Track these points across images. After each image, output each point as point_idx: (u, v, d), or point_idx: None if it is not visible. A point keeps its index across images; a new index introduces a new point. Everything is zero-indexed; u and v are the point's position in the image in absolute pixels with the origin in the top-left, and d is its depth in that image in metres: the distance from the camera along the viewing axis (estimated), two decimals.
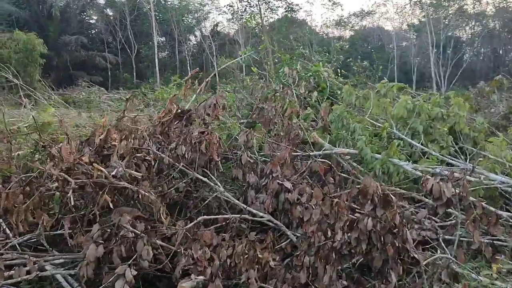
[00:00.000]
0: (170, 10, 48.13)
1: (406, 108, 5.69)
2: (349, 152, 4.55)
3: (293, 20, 51.78)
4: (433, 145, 5.62)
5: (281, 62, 8.41)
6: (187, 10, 52.96)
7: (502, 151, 5.64)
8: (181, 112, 4.33)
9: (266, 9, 48.43)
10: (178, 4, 50.49)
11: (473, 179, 4.36)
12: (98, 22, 51.70)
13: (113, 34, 48.64)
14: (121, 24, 47.88)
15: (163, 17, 50.88)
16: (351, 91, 6.30)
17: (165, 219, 3.04)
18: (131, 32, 46.63)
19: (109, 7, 49.99)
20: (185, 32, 52.17)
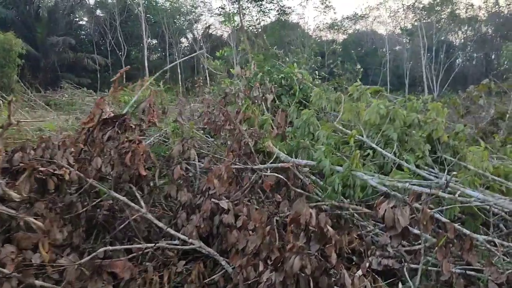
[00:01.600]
0: (161, 12, 47.54)
1: (378, 113, 5.13)
2: (307, 164, 3.99)
3: (286, 23, 51.39)
4: (409, 154, 5.07)
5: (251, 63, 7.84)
6: (178, 12, 52.43)
7: (484, 162, 5.11)
8: (114, 117, 3.74)
9: (258, 12, 48.03)
10: (169, 6, 49.90)
11: (446, 195, 3.80)
12: (88, 24, 51.09)
13: (102, 35, 48.00)
14: (111, 26, 47.26)
15: (154, 19, 50.30)
16: (320, 94, 5.75)
17: (46, 252, 2.44)
18: (121, 33, 45.98)
19: (99, 8, 49.37)
20: (177, 35, 51.61)
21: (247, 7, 47.52)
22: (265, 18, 48.66)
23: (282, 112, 4.36)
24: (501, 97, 10.16)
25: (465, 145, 5.61)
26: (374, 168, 4.88)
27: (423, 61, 40.23)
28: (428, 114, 5.28)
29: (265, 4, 47.20)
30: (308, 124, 5.28)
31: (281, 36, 48.19)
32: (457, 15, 47.72)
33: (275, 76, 7.11)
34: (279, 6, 47.31)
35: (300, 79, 7.29)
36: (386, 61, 48.79)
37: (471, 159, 5.11)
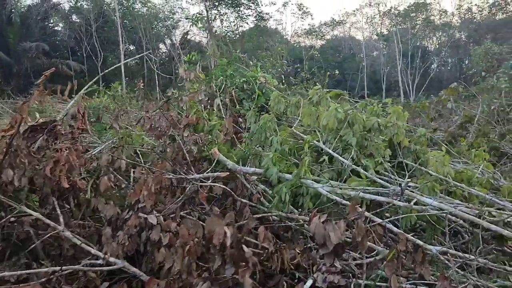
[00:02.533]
0: (138, 18, 46.94)
1: (336, 118, 4.92)
2: (255, 172, 3.74)
3: (264, 29, 51.45)
4: (368, 160, 4.86)
5: (217, 68, 7.59)
6: (156, 18, 51.90)
7: (445, 167, 4.95)
8: (43, 124, 3.42)
9: (236, 18, 47.96)
10: (146, 12, 49.29)
11: (401, 203, 3.59)
12: (63, 29, 50.07)
13: (78, 41, 47.10)
14: (87, 32, 46.44)
15: (131, 25, 49.69)
16: (279, 98, 5.51)
17: None
18: (97, 39, 45.20)
19: (74, 13, 48.46)
20: (154, 41, 51.06)
21: (225, 13, 47.46)
22: (243, 24, 48.62)
23: (230, 117, 4.09)
24: (469, 101, 10.14)
25: (427, 150, 5.45)
26: (332, 175, 4.67)
27: (399, 66, 40.76)
28: (389, 118, 5.10)
29: (243, 10, 47.26)
30: (264, 129, 5.03)
31: (259, 42, 48.18)
32: (432, 21, 48.64)
33: (237, 80, 6.87)
34: (257, 12, 47.37)
35: (263, 83, 7.06)
36: (363, 66, 49.32)
37: (432, 164, 4.94)
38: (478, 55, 20.89)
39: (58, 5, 46.52)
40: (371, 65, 52.64)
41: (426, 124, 11.67)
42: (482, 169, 5.94)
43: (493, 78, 15.50)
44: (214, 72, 7.46)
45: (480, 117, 10.58)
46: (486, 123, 9.76)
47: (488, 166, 6.11)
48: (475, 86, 12.93)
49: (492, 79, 15.51)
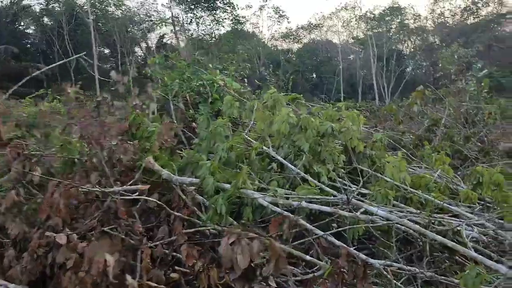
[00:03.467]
0: (112, 21, 46.07)
1: (288, 122, 4.70)
2: (192, 182, 3.47)
3: (240, 33, 51.32)
4: (321, 166, 4.66)
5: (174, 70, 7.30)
6: (131, 21, 51.05)
7: (401, 172, 4.78)
8: None
9: (212, 21, 47.68)
10: (121, 14, 48.43)
11: (347, 214, 3.39)
12: (35, 32, 48.83)
13: (50, 44, 45.98)
14: (59, 35, 45.37)
15: (105, 28, 48.77)
16: (232, 102, 5.27)
17: None
18: (69, 42, 44.18)
19: (45, 16, 47.27)
20: (130, 44, 50.26)
21: (201, 16, 47.11)
22: (219, 28, 48.36)
23: (167, 123, 3.82)
24: (435, 104, 10.11)
25: (384, 155, 5.29)
26: (284, 183, 4.45)
27: (373, 69, 41.16)
28: (343, 123, 4.91)
29: (219, 13, 47.03)
30: (214, 135, 4.77)
31: (236, 45, 48.00)
32: (406, 25, 49.41)
33: (194, 83, 6.60)
34: (233, 15, 47.21)
35: (222, 86, 6.81)
36: (339, 70, 49.65)
37: (388, 170, 4.77)
38: (445, 58, 21.18)
39: (28, 7, 45.32)
40: (348, 68, 53.07)
41: (395, 127, 11.65)
42: (441, 174, 5.83)
43: (462, 81, 15.67)
44: (173, 74, 7.16)
45: (446, 120, 10.59)
46: (452, 126, 9.75)
47: (448, 171, 6.00)
48: (443, 89, 12.99)
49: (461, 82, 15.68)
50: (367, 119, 15.04)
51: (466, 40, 43.01)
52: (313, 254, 3.31)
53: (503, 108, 9.91)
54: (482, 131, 10.15)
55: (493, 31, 42.02)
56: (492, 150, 8.79)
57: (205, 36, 47.97)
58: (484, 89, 13.35)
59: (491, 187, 4.46)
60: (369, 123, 13.80)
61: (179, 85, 6.43)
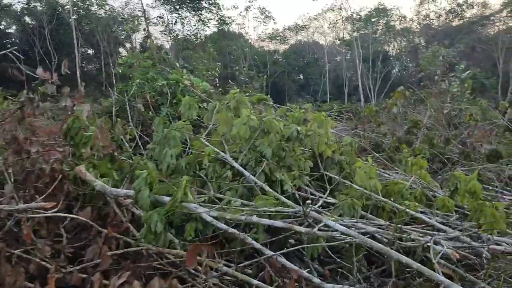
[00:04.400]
0: (95, 21, 45.21)
1: (249, 125, 4.30)
2: (127, 194, 3.05)
3: (227, 34, 50.88)
4: (285, 174, 4.27)
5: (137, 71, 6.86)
6: (115, 21, 50.14)
7: (371, 179, 4.42)
8: None
9: (197, 21, 47.11)
10: (104, 14, 47.55)
11: (303, 229, 2.99)
12: (16, 32, 47.74)
13: (31, 44, 44.93)
14: (41, 34, 44.37)
15: (88, 28, 47.88)
16: (191, 104, 4.85)
17: None
18: (50, 42, 43.21)
19: (26, 15, 46.19)
20: (113, 44, 49.40)
21: (186, 17, 46.53)
22: (205, 28, 47.83)
23: (103, 126, 3.39)
24: (415, 105, 9.82)
25: (354, 160, 4.92)
26: (243, 192, 4.05)
27: (359, 71, 41.09)
28: (309, 126, 4.53)
29: (205, 13, 46.50)
30: (168, 140, 4.35)
31: (222, 46, 47.55)
32: (392, 27, 49.51)
33: (156, 84, 6.17)
34: (218, 16, 46.72)
35: (188, 86, 6.39)
36: (326, 71, 49.52)
37: (358, 177, 4.40)
38: (426, 59, 21.05)
39: (8, 6, 44.24)
40: (334, 69, 53.00)
41: (376, 129, 11.34)
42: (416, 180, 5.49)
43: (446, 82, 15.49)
44: (136, 74, 6.73)
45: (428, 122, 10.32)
46: (432, 128, 9.47)
47: (425, 176, 5.67)
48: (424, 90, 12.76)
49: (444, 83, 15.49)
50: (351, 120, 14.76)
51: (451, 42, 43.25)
52: (264, 275, 2.91)
53: (484, 109, 9.66)
54: (463, 133, 9.91)
55: (477, 33, 42.29)
56: (473, 153, 8.52)
57: (191, 36, 47.38)
58: (467, 90, 13.16)
59: (466, 195, 4.11)
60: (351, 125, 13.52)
61: (140, 85, 5.99)
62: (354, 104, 32.76)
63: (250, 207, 3.53)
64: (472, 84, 31.94)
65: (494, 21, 42.65)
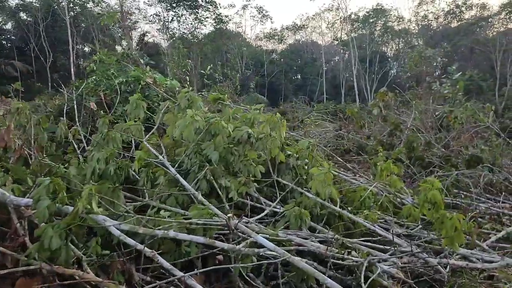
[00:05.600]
0: (90, 18, 44.83)
1: (194, 127, 3.97)
2: (28, 204, 2.73)
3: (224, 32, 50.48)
4: (231, 180, 3.95)
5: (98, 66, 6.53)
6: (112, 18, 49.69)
7: (327, 187, 4.08)
8: None
9: (194, 19, 46.68)
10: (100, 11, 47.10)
11: (226, 245, 2.66)
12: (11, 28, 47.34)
13: (26, 41, 44.55)
14: (36, 31, 44.00)
15: (85, 25, 47.54)
16: (137, 102, 4.51)
17: None
18: (45, 39, 42.81)
19: (21, 11, 45.75)
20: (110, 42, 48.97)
21: (182, 15, 46.12)
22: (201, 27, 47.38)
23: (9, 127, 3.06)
24: (398, 107, 9.48)
25: (315, 164, 4.59)
26: (184, 200, 3.72)
27: (354, 71, 40.75)
28: (261, 128, 4.19)
29: (201, 12, 46.07)
30: (108, 142, 4.02)
31: (219, 45, 47.22)
32: (391, 27, 49.14)
33: (114, 82, 5.84)
34: (215, 14, 46.27)
35: (150, 84, 6.06)
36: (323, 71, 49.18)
37: (312, 184, 4.06)
38: (412, 59, 20.69)
39: (3, 2, 43.84)
40: (332, 70, 52.68)
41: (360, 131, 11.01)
42: (383, 186, 5.16)
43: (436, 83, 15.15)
44: (98, 71, 6.40)
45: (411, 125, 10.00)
46: (415, 131, 9.14)
47: (395, 182, 5.34)
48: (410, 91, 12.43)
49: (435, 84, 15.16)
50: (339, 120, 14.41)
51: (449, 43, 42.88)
52: None
53: (470, 112, 9.32)
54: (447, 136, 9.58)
55: (476, 34, 41.91)
56: (455, 157, 8.19)
57: (188, 35, 47.00)
58: (459, 91, 12.82)
59: (426, 205, 3.78)
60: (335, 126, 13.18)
61: (97, 83, 5.66)
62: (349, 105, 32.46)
63: (180, 218, 3.20)
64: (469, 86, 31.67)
65: (492, 22, 42.29)
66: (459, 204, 5.80)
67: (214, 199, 3.87)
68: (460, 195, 6.05)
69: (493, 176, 6.54)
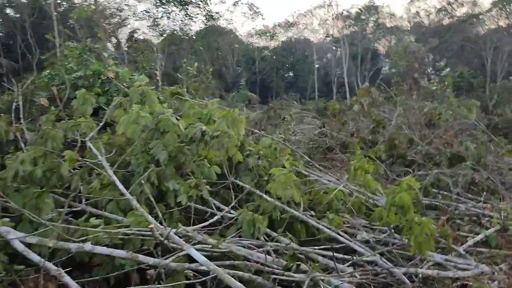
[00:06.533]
0: None
1: (140, 124, 3.61)
2: None
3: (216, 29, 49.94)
4: (181, 182, 3.59)
5: None
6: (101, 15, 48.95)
7: (288, 189, 3.73)
8: None
9: (184, 16, 46.01)
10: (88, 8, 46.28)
11: (151, 260, 2.31)
12: None
13: (12, 38, 43.70)
14: (22, 28, 43.17)
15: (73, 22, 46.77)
16: (85, 98, 4.14)
17: None
18: (32, 35, 41.96)
19: (7, 7, 44.85)
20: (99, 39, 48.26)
21: (172, 11, 45.42)
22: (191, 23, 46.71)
23: None
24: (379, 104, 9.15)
25: (277, 165, 4.25)
26: (125, 205, 3.37)
27: (345, 68, 40.45)
28: (216, 125, 3.84)
29: (191, 8, 45.40)
30: (46, 139, 3.65)
31: (209, 42, 46.67)
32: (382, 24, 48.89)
33: (71, 76, 5.46)
34: (206, 11, 45.63)
35: (112, 79, 5.68)
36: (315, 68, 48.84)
37: (272, 186, 3.72)
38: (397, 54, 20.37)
39: None
40: (324, 67, 52.35)
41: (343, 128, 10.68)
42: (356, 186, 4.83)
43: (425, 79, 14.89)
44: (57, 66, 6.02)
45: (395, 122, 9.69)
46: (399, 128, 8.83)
47: (370, 182, 5.02)
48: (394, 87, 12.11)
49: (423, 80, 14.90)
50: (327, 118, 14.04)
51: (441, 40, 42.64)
52: None
53: (454, 108, 9.03)
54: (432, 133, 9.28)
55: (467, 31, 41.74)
56: (439, 155, 7.88)
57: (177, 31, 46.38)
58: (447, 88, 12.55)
59: (392, 209, 3.44)
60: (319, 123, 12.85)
61: (52, 77, 5.28)
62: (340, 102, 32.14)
63: (112, 228, 2.85)
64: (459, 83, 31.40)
65: (483, 19, 42.15)
66: (438, 205, 5.49)
67: (164, 204, 3.53)
68: (439, 196, 5.73)
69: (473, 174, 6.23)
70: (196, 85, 9.81)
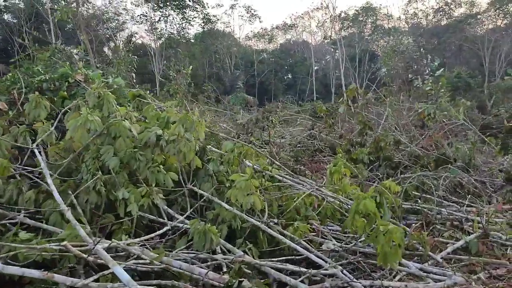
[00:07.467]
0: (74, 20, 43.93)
1: (88, 128, 3.39)
2: None
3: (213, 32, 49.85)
4: (132, 190, 3.37)
5: None
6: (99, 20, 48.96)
7: (247, 197, 3.50)
8: None
9: (182, 19, 45.96)
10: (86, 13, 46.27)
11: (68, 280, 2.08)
12: None
13: (9, 42, 43.71)
14: (20, 32, 43.18)
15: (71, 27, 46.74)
16: (37, 101, 3.92)
17: None
18: (29, 40, 41.94)
19: (5, 12, 44.88)
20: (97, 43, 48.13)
21: (169, 15, 45.38)
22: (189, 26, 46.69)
23: None
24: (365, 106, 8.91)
25: (242, 170, 4.02)
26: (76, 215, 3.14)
27: (342, 69, 40.22)
28: (173, 128, 3.61)
29: (189, 12, 45.36)
30: None
31: (207, 45, 46.56)
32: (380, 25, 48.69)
33: (35, 79, 5.24)
34: (203, 14, 45.58)
35: (80, 82, 5.46)
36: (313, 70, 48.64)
37: (231, 193, 3.49)
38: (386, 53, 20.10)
39: None
40: (322, 69, 52.15)
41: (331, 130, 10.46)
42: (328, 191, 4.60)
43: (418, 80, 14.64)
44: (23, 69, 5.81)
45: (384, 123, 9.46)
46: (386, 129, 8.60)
47: (345, 187, 4.79)
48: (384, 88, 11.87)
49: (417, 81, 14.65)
50: None
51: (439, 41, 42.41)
52: None
53: (444, 108, 8.77)
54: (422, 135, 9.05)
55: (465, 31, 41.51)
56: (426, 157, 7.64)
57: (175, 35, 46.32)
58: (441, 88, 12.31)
59: (357, 217, 3.21)
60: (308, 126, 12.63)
61: (14, 80, 5.07)
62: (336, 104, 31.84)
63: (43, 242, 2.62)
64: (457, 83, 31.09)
65: (481, 20, 41.93)
66: (419, 209, 5.24)
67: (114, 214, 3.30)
68: (420, 200, 5.49)
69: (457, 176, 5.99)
70: (176, 88, 9.57)
